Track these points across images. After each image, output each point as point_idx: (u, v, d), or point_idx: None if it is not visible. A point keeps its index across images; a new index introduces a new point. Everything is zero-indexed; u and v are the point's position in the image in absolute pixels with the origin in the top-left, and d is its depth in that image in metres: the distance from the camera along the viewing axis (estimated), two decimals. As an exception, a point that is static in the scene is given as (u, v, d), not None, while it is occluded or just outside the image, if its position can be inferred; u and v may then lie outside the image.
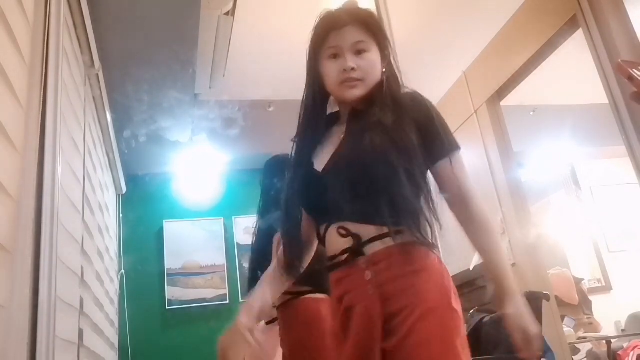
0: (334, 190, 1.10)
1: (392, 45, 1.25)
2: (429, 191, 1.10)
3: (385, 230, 1.06)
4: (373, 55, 1.18)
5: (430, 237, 1.08)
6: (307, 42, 1.24)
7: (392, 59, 1.23)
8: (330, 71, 1.19)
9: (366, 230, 1.08)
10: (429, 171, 1.14)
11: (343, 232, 1.09)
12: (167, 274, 3.59)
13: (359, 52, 1.17)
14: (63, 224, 1.34)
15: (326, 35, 1.20)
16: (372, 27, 1.20)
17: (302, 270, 1.24)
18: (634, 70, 1.28)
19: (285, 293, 1.72)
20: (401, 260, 1.05)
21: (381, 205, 1.06)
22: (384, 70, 1.19)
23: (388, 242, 1.06)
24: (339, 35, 1.18)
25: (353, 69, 1.15)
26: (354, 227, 1.09)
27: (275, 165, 2.11)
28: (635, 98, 1.30)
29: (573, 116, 3.72)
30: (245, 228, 3.82)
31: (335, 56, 1.18)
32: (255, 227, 2.05)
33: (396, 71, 1.22)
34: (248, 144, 3.60)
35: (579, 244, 4.57)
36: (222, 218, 3.81)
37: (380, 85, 1.17)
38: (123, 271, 3.31)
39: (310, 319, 1.78)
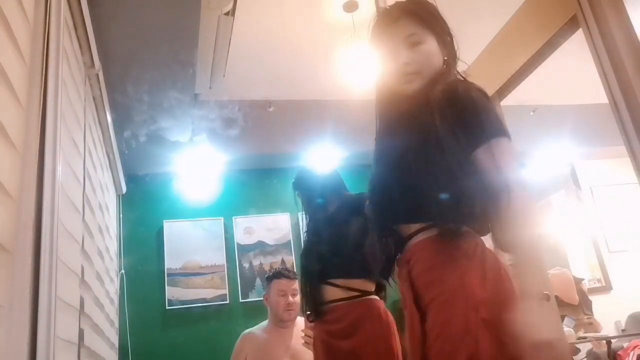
0: (388, 194, 1.15)
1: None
2: (467, 180, 1.04)
3: (419, 227, 1.09)
4: (428, 46, 1.17)
5: (475, 224, 1.06)
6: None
7: (454, 45, 1.22)
8: (388, 68, 1.20)
9: (406, 229, 1.12)
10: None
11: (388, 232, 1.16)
12: (167, 274, 3.59)
13: (413, 45, 1.16)
14: (63, 224, 1.34)
15: (380, 33, 1.22)
16: (425, 17, 1.19)
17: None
18: None
19: (353, 290, 1.81)
20: (429, 254, 1.07)
21: (409, 204, 1.10)
22: (445, 58, 1.18)
23: (420, 237, 1.09)
24: (392, 31, 1.18)
25: (407, 63, 1.15)
26: (400, 228, 1.13)
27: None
28: None
29: (573, 116, 3.73)
30: (245, 228, 3.83)
31: (391, 53, 1.19)
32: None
33: (454, 59, 1.20)
34: (248, 144, 3.60)
35: (579, 244, 4.57)
36: (222, 218, 3.81)
37: (437, 76, 1.15)
38: (123, 271, 3.31)
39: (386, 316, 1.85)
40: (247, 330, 2.74)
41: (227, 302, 3.61)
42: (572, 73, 3.11)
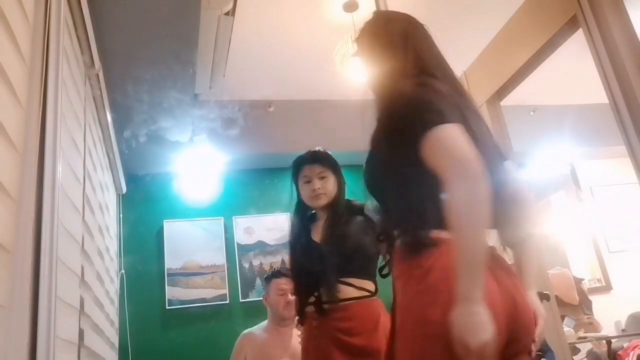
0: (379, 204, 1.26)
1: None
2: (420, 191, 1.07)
3: (397, 233, 1.16)
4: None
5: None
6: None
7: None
8: None
9: (395, 235, 1.19)
10: None
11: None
12: (167, 274, 3.59)
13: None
14: (63, 224, 1.34)
15: None
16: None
17: None
18: None
19: (364, 290, 1.86)
20: (397, 262, 1.14)
21: (385, 214, 1.21)
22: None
23: (397, 244, 1.15)
24: None
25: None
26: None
27: None
28: None
29: (573, 116, 3.73)
30: (245, 228, 3.83)
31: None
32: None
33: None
34: (248, 144, 3.60)
35: (579, 244, 4.57)
36: (222, 218, 3.81)
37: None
38: (123, 271, 3.31)
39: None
40: (246, 330, 2.74)
41: (227, 302, 3.61)
42: (572, 73, 3.11)
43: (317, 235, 1.99)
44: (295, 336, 2.50)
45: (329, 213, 2.00)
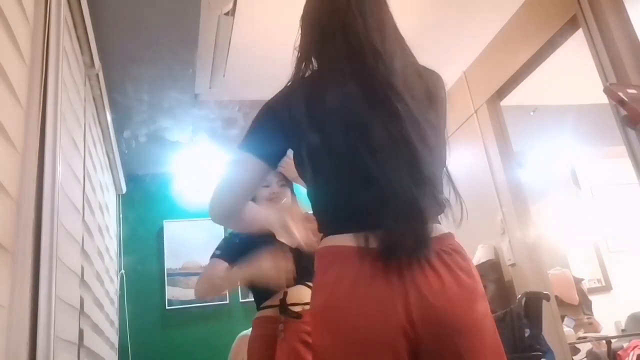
0: None
1: None
2: None
3: None
4: None
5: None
6: None
7: None
8: None
9: None
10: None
11: None
12: (167, 274, 3.59)
13: None
14: (63, 224, 1.34)
15: None
16: None
17: None
18: (624, 92, 1.26)
19: None
20: None
21: None
22: None
23: None
24: None
25: None
26: None
27: None
28: (627, 122, 1.29)
29: (573, 116, 3.72)
30: (245, 228, 3.82)
31: None
32: None
33: None
34: (248, 144, 3.59)
35: (579, 244, 4.57)
36: (222, 218, 3.81)
37: None
38: (123, 271, 3.31)
39: None
40: (243, 332, 2.73)
41: (227, 302, 3.61)
42: (572, 73, 3.11)
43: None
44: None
45: None
